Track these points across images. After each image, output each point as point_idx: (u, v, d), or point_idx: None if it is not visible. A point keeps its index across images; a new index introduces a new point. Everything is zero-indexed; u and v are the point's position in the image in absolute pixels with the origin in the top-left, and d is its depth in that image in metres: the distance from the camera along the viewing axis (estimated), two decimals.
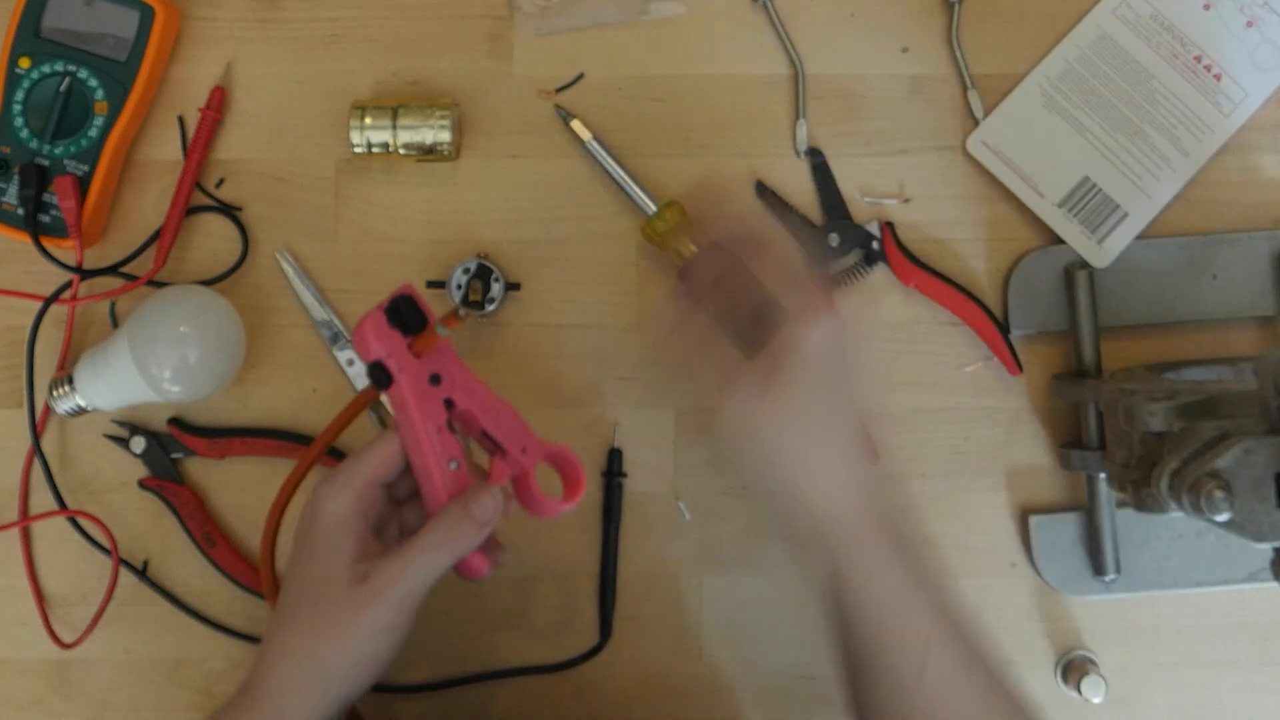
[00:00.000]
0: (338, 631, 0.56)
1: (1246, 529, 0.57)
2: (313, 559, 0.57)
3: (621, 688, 0.75)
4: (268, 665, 0.57)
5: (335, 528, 0.57)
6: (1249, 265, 0.74)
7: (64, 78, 0.72)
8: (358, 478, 0.58)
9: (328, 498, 0.57)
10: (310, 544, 0.57)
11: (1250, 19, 0.75)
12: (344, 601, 0.55)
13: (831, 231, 0.74)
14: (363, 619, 0.55)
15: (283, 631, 0.57)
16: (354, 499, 0.57)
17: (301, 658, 0.56)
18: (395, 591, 0.56)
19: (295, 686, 0.56)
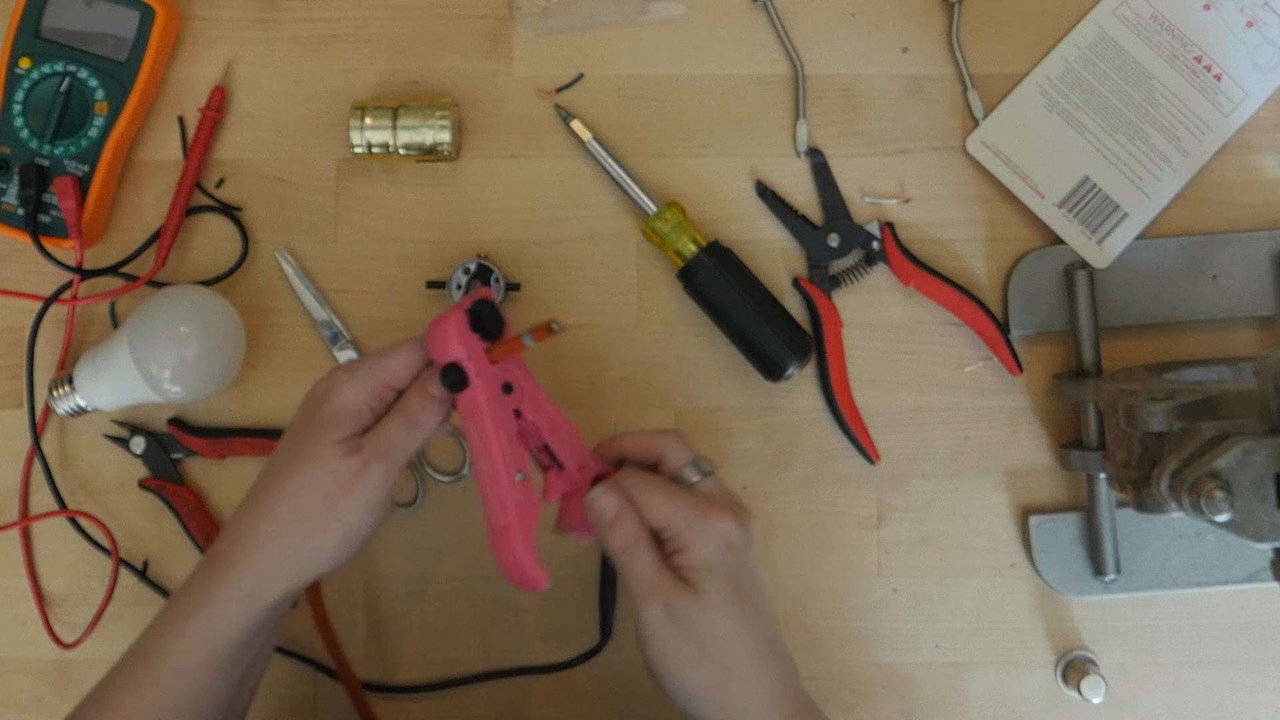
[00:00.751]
0: (327, 504, 0.56)
1: (1246, 529, 0.57)
2: (312, 435, 0.57)
3: (621, 688, 0.75)
4: (247, 535, 0.57)
5: (341, 413, 0.58)
6: (1249, 265, 0.74)
7: (64, 78, 0.72)
8: (375, 376, 0.58)
9: (343, 385, 0.58)
10: (313, 421, 0.58)
11: (1250, 19, 0.75)
12: (335, 474, 0.56)
13: (831, 231, 0.74)
14: (356, 491, 0.57)
15: (267, 498, 0.58)
16: (368, 394, 0.58)
17: (285, 528, 0.57)
18: (382, 465, 0.57)
19: (275, 558, 0.57)
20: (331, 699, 0.75)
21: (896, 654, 0.75)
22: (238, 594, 0.57)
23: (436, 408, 0.59)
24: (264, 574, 0.57)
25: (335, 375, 0.59)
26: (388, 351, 0.59)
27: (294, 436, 0.59)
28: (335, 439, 0.57)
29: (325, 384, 0.59)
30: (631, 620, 0.58)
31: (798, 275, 0.75)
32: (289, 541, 0.57)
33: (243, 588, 0.57)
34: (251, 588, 0.57)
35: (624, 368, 0.75)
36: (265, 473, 0.59)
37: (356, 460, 0.57)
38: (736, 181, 0.75)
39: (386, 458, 0.57)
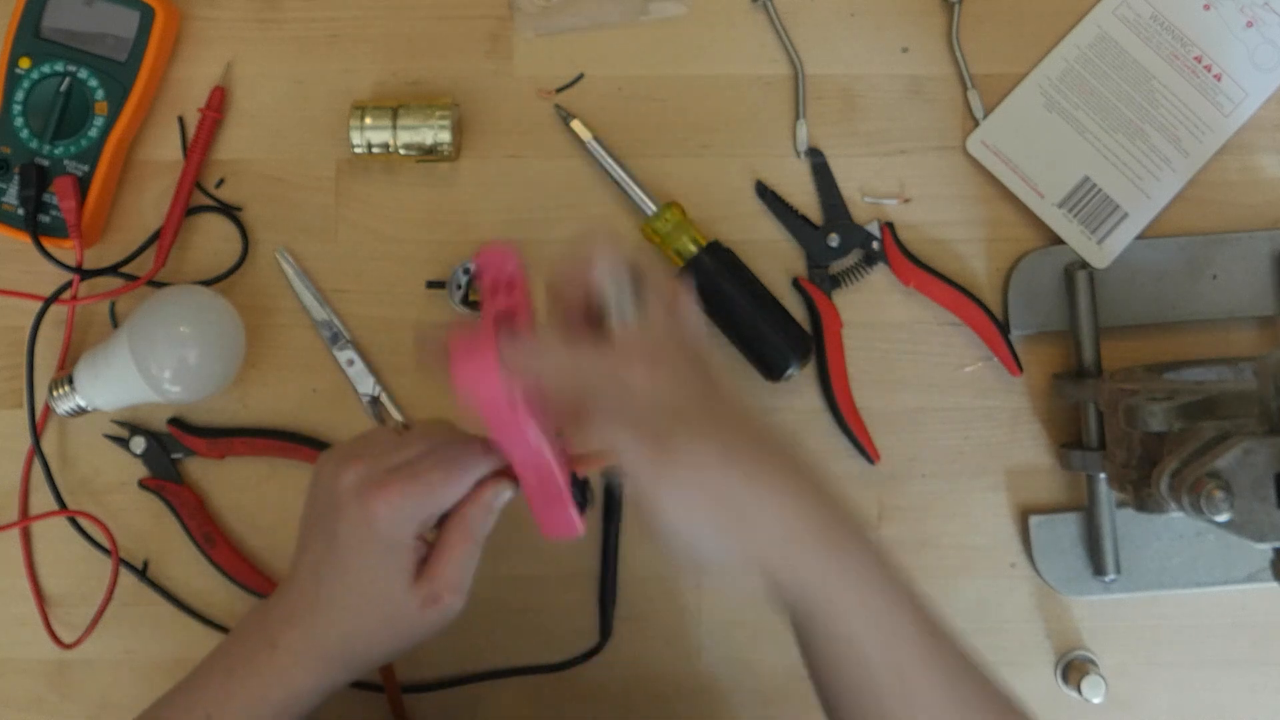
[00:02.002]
0: (403, 642, 0.58)
1: (1246, 529, 0.57)
2: (374, 579, 0.56)
3: (621, 688, 0.75)
4: (303, 653, 0.57)
5: (396, 555, 0.56)
6: (1249, 265, 0.74)
7: (64, 78, 0.72)
8: (426, 513, 0.56)
9: (390, 525, 0.56)
10: (365, 563, 0.56)
11: (1250, 19, 0.75)
12: (414, 623, 0.57)
13: (831, 231, 0.74)
14: (431, 633, 0.58)
15: (333, 629, 0.57)
16: (417, 527, 0.56)
17: (351, 657, 0.58)
18: (460, 600, 0.57)
19: (333, 677, 0.58)
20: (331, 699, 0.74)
21: None
22: (313, 684, 0.58)
23: (496, 516, 0.58)
24: (340, 675, 0.59)
25: (373, 505, 0.55)
26: (432, 478, 0.56)
27: (351, 574, 0.57)
28: (405, 585, 0.56)
29: (365, 518, 0.56)
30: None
31: (798, 275, 0.75)
32: (369, 662, 0.59)
33: (319, 681, 0.58)
34: (327, 683, 0.58)
35: None
36: (321, 600, 0.57)
37: (437, 610, 0.57)
38: (736, 181, 0.75)
39: (461, 592, 0.57)
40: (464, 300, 0.73)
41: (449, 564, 0.57)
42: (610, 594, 0.74)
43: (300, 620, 0.58)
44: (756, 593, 0.55)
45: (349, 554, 0.57)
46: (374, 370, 0.74)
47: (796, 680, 0.75)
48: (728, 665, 0.75)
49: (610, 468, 0.57)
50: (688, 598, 0.75)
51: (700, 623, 0.75)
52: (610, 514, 0.74)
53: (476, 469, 0.57)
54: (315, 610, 0.58)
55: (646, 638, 0.75)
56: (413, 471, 0.56)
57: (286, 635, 0.58)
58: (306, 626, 0.58)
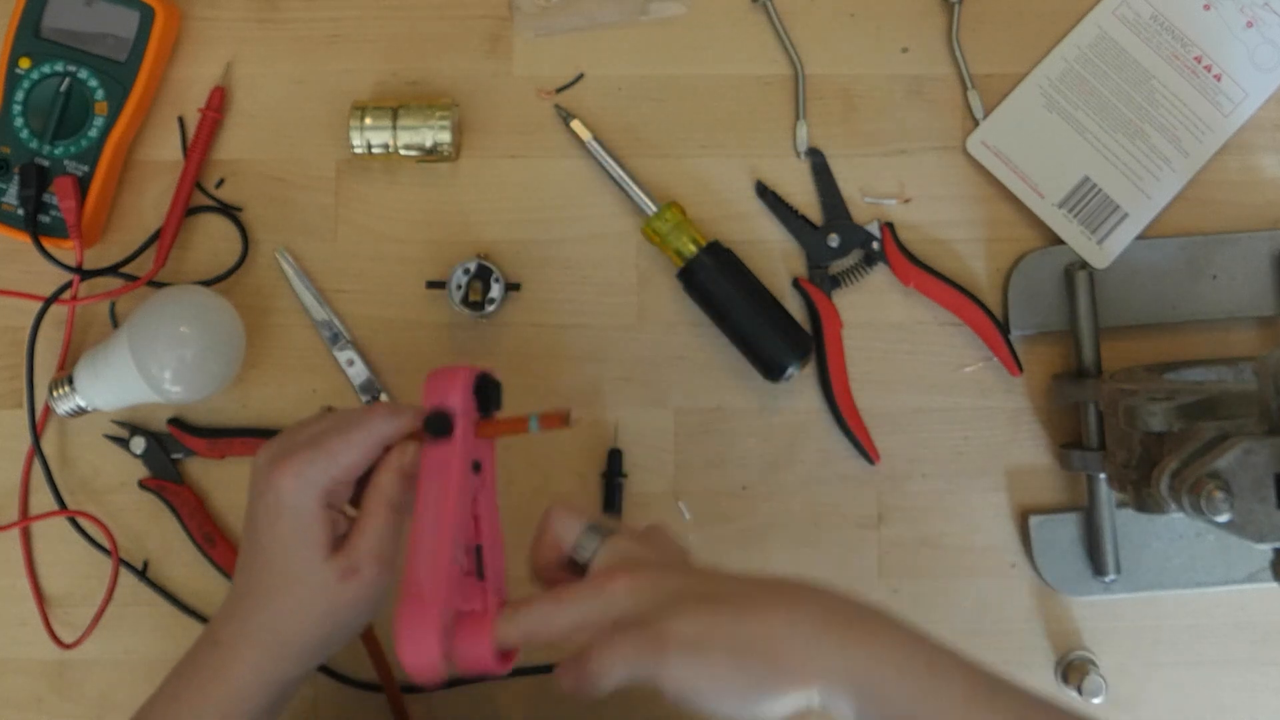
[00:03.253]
0: (329, 621, 0.56)
1: (1246, 529, 0.57)
2: (293, 555, 0.56)
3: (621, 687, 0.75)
4: (236, 643, 0.57)
5: (308, 525, 0.55)
6: (1249, 265, 0.74)
7: (64, 78, 0.72)
8: (329, 475, 0.56)
9: (293, 493, 0.55)
10: (279, 535, 0.56)
11: (1250, 19, 0.75)
12: (334, 596, 0.55)
13: (831, 232, 0.74)
14: (358, 609, 0.56)
15: (258, 613, 0.57)
16: (325, 495, 0.56)
17: (293, 642, 0.57)
18: (383, 572, 0.56)
19: (285, 662, 0.57)
20: (331, 699, 0.75)
21: None
22: (254, 680, 0.57)
23: (410, 485, 0.57)
24: (277, 666, 0.57)
25: (277, 475, 0.55)
26: (332, 442, 0.56)
27: (266, 551, 0.56)
28: (321, 558, 0.55)
29: (271, 491, 0.55)
30: None
31: (798, 275, 0.75)
32: (303, 648, 0.57)
33: (258, 676, 0.57)
34: (267, 676, 0.57)
35: (624, 368, 0.75)
36: (248, 586, 0.57)
37: (356, 581, 0.55)
38: (736, 181, 0.75)
39: (383, 562, 0.56)
40: (464, 300, 0.73)
41: (365, 533, 0.56)
42: None
43: (235, 611, 0.57)
44: None
45: (263, 532, 0.56)
46: (374, 370, 0.74)
47: None
48: None
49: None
50: None
51: None
52: (610, 514, 0.74)
53: (376, 430, 0.56)
54: (243, 598, 0.57)
55: None
56: (315, 439, 0.56)
57: (224, 630, 0.57)
58: (239, 617, 0.57)
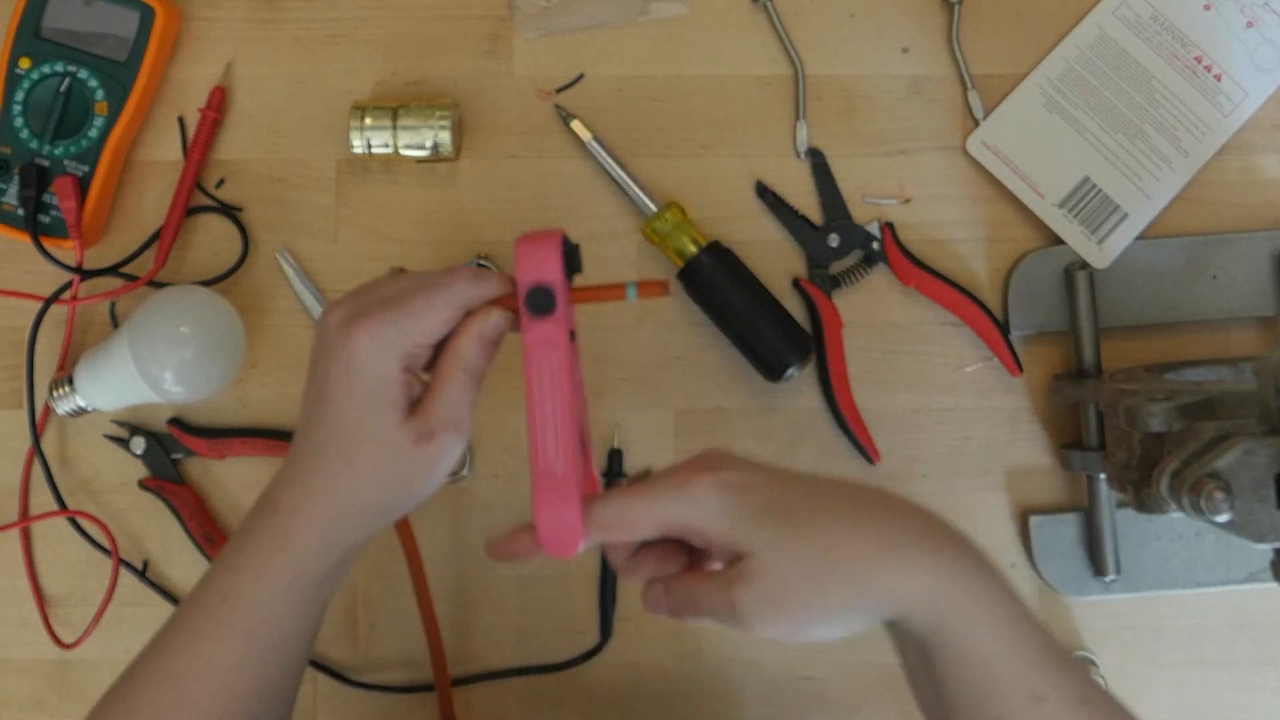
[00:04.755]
0: (400, 486, 0.54)
1: (1246, 530, 0.57)
2: (366, 415, 0.53)
3: (621, 688, 0.75)
4: (318, 495, 0.54)
5: (386, 387, 0.53)
6: (1249, 265, 0.74)
7: (64, 78, 0.72)
8: (410, 338, 0.53)
9: (375, 352, 0.52)
10: (355, 395, 0.53)
11: (1250, 19, 0.75)
12: (407, 460, 0.53)
13: (831, 232, 0.74)
14: (429, 474, 0.54)
15: (324, 476, 0.54)
16: (403, 358, 0.53)
17: (360, 502, 0.54)
18: (458, 438, 0.54)
19: (352, 521, 0.54)
20: (332, 699, 0.75)
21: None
22: (317, 545, 0.54)
23: (493, 351, 0.54)
24: (341, 531, 0.54)
25: (355, 335, 0.52)
26: (414, 303, 0.53)
27: (337, 413, 0.53)
28: (396, 420, 0.53)
29: (346, 349, 0.53)
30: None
31: (798, 275, 0.75)
32: (368, 513, 0.54)
33: (321, 539, 0.54)
34: (330, 539, 0.54)
35: (624, 368, 0.75)
36: (313, 448, 0.54)
37: (432, 446, 0.53)
38: (736, 181, 0.75)
39: (459, 429, 0.54)
40: None
41: (441, 397, 0.53)
42: (610, 594, 0.74)
43: (296, 475, 0.55)
44: None
45: (336, 393, 0.53)
46: None
47: (796, 680, 0.75)
48: (728, 665, 0.75)
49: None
50: None
51: None
52: None
53: (460, 293, 0.54)
54: (308, 459, 0.54)
55: (646, 638, 0.75)
56: (395, 300, 0.53)
57: (285, 495, 0.55)
58: (300, 481, 0.54)
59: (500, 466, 0.75)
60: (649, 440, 0.75)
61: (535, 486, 0.52)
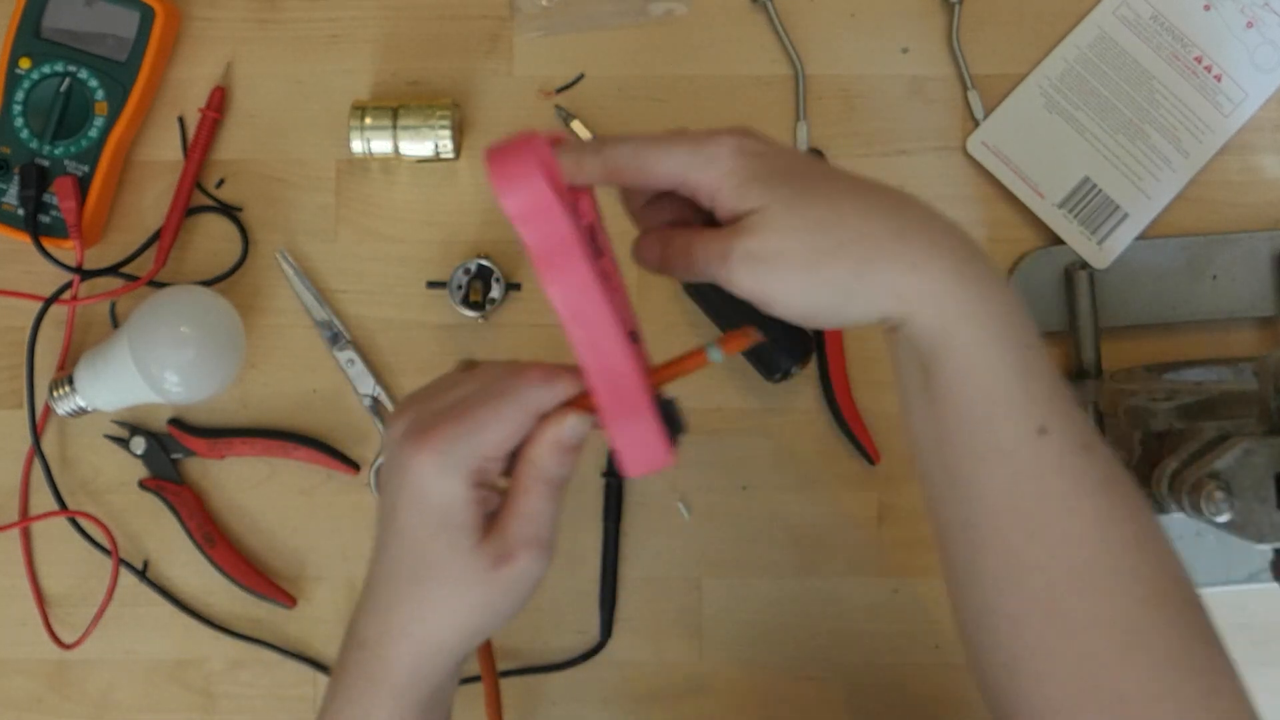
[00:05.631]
0: (482, 612, 0.50)
1: (1246, 530, 0.57)
2: (431, 540, 0.49)
3: (621, 688, 0.75)
4: (384, 641, 0.51)
5: (456, 511, 0.48)
6: (1249, 265, 0.74)
7: (64, 78, 0.72)
8: (477, 454, 0.48)
9: (441, 477, 0.48)
10: (420, 522, 0.49)
11: (1250, 20, 0.75)
12: (486, 585, 0.49)
13: None
14: (513, 596, 0.50)
15: (403, 606, 0.50)
16: (470, 474, 0.48)
17: (431, 635, 0.50)
18: (540, 556, 0.49)
19: (422, 663, 0.51)
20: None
21: (896, 654, 0.75)
22: (408, 677, 0.51)
23: (575, 458, 0.50)
24: (431, 660, 0.51)
25: (418, 455, 0.48)
26: (479, 415, 0.48)
27: (407, 538, 0.49)
28: (470, 545, 0.49)
29: (411, 471, 0.48)
30: None
31: None
32: (454, 638, 0.51)
33: (411, 671, 0.51)
34: (422, 670, 0.51)
35: None
36: (389, 576, 0.51)
37: (513, 568, 0.49)
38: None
39: (542, 545, 0.49)
40: (464, 300, 0.73)
41: (520, 513, 0.49)
42: (610, 594, 0.74)
43: (375, 606, 0.51)
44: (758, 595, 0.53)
45: (404, 516, 0.49)
46: (374, 370, 0.74)
47: (797, 680, 0.75)
48: (728, 665, 0.75)
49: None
50: (688, 598, 0.75)
51: (700, 623, 0.75)
52: (610, 514, 0.74)
53: (531, 399, 0.49)
54: (384, 587, 0.51)
55: (646, 638, 0.75)
56: (458, 411, 0.48)
57: (368, 628, 0.51)
58: (382, 612, 0.51)
59: None
60: None
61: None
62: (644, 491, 0.75)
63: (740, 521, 0.75)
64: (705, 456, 0.75)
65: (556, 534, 0.50)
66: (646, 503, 0.75)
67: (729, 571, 0.75)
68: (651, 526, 0.75)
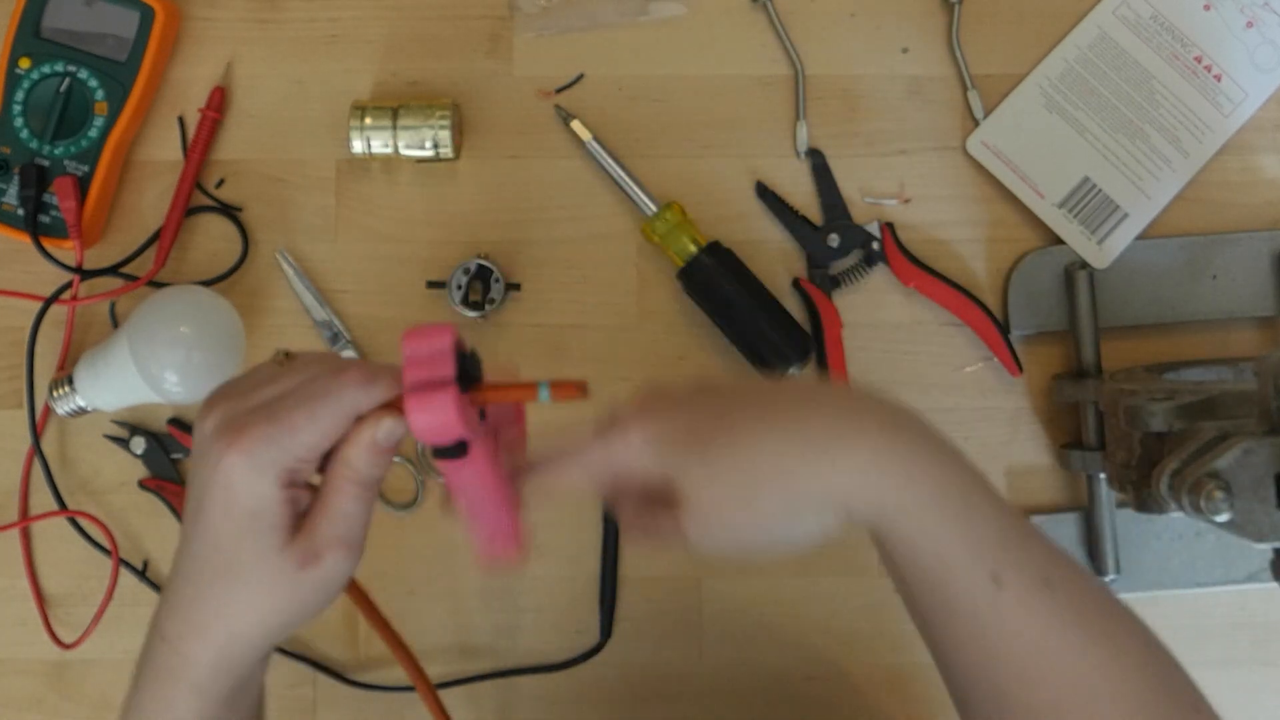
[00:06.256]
0: (285, 611, 0.50)
1: (1246, 529, 0.57)
2: (236, 539, 0.48)
3: (621, 688, 0.75)
4: (185, 637, 0.50)
5: (258, 510, 0.48)
6: (1249, 265, 0.74)
7: (64, 78, 0.72)
8: (290, 455, 0.47)
9: (246, 476, 0.47)
10: (227, 521, 0.48)
11: (1250, 19, 0.75)
12: (290, 585, 0.49)
13: (831, 232, 0.74)
14: (318, 596, 0.50)
15: (206, 602, 0.50)
16: (280, 476, 0.48)
17: (233, 633, 0.50)
18: (347, 557, 0.49)
19: (222, 660, 0.50)
20: (332, 699, 0.75)
21: (897, 654, 0.75)
22: (209, 673, 0.50)
23: (389, 459, 0.50)
24: (232, 656, 0.50)
25: (227, 455, 0.47)
26: (293, 417, 0.47)
27: (213, 536, 0.49)
28: (277, 544, 0.48)
29: (220, 470, 0.47)
30: None
31: (798, 275, 0.75)
32: (257, 635, 0.50)
33: (213, 667, 0.50)
34: (223, 666, 0.51)
35: (624, 368, 0.75)
36: (192, 572, 0.50)
37: (319, 569, 0.49)
38: (736, 181, 0.75)
39: (349, 546, 0.49)
40: (464, 300, 0.73)
41: (329, 514, 0.49)
42: (610, 594, 0.74)
43: (178, 601, 0.50)
44: (756, 593, 0.54)
45: (212, 513, 0.48)
46: None
47: (797, 680, 0.75)
48: (728, 665, 0.75)
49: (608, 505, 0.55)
50: (688, 598, 0.75)
51: (700, 623, 0.75)
52: (610, 514, 0.74)
53: (349, 401, 0.48)
54: (188, 582, 0.50)
55: (646, 638, 0.75)
56: (272, 411, 0.48)
57: (170, 623, 0.51)
58: (184, 607, 0.50)
59: None
60: None
61: (482, 554, 0.54)
62: None
63: None
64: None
65: (366, 533, 0.50)
66: None
67: (729, 571, 0.75)
68: None
